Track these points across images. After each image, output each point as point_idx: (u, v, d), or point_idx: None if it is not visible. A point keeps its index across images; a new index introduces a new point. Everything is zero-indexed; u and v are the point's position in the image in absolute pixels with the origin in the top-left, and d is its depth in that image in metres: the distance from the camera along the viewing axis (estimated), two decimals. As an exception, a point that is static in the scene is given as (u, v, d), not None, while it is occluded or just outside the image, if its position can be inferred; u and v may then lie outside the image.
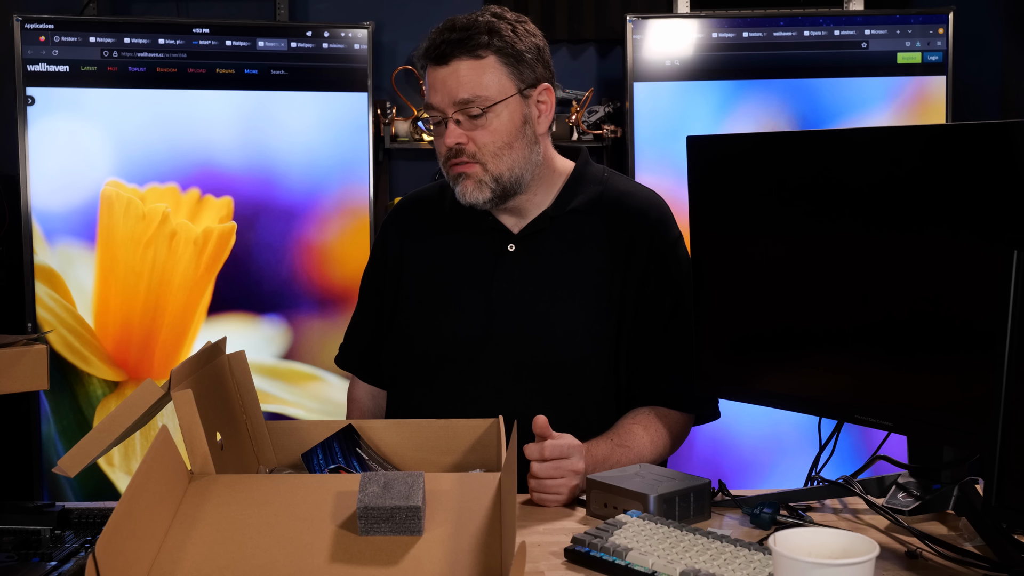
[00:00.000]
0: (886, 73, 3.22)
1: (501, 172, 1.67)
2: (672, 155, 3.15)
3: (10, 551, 1.30)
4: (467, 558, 1.10)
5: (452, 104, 1.64)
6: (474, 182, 1.67)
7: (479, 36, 1.64)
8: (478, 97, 1.64)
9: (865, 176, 1.40)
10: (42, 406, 3.10)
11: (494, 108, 1.65)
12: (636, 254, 1.73)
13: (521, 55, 1.67)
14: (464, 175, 1.67)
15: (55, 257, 3.10)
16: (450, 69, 1.64)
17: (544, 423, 1.52)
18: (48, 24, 3.09)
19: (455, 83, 1.64)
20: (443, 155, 1.69)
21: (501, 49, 1.65)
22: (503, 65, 1.65)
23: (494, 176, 1.66)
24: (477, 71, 1.64)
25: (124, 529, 1.04)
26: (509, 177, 1.67)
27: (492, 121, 1.65)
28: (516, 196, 1.71)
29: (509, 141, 1.66)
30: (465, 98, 1.64)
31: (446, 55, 1.64)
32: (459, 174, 1.67)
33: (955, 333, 1.32)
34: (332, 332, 1.94)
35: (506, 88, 1.66)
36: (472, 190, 1.67)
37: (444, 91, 1.65)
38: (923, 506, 1.42)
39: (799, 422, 1.87)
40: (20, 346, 1.44)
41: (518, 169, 1.68)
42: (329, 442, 1.44)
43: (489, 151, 1.66)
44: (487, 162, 1.66)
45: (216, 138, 3.18)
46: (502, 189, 1.68)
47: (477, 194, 1.67)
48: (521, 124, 1.68)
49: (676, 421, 1.73)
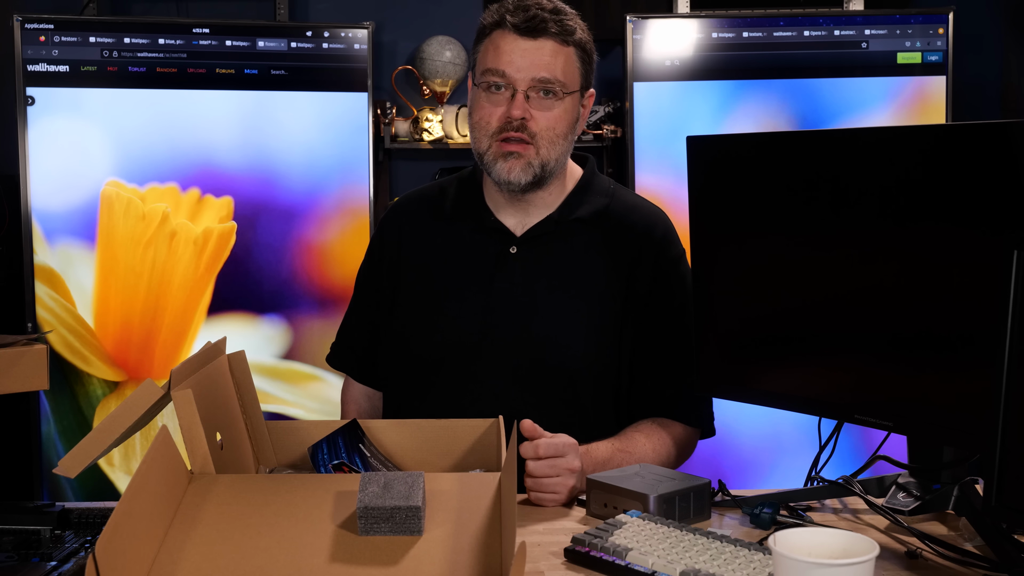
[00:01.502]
0: (886, 73, 3.22)
1: (549, 159, 1.67)
2: (672, 155, 3.15)
3: (10, 551, 1.30)
4: (467, 558, 1.10)
5: (531, 78, 1.64)
6: (524, 163, 1.66)
7: (570, 23, 1.66)
8: (559, 80, 1.65)
9: (865, 176, 1.40)
10: (42, 406, 3.10)
11: (570, 96, 1.67)
12: (640, 269, 1.73)
13: (590, 56, 1.70)
14: (516, 154, 1.66)
15: (55, 257, 3.10)
16: (537, 44, 1.64)
17: (530, 426, 1.52)
18: (48, 24, 3.09)
19: (539, 59, 1.64)
20: (493, 126, 1.67)
21: (581, 44, 1.68)
22: (579, 60, 1.68)
23: (543, 161, 1.67)
24: (562, 56, 1.65)
25: (124, 529, 1.04)
26: (552, 167, 1.68)
27: (559, 107, 1.66)
28: (540, 189, 1.71)
29: (564, 132, 1.68)
30: (547, 77, 1.64)
31: (539, 29, 1.64)
32: (510, 152, 1.66)
33: (955, 333, 1.32)
34: (332, 332, 1.93)
35: (576, 82, 1.69)
36: (519, 171, 1.66)
37: (525, 63, 1.64)
38: (923, 506, 1.42)
39: (799, 422, 1.87)
40: (20, 346, 1.44)
41: (560, 161, 1.70)
42: (334, 437, 1.44)
43: (547, 136, 1.66)
44: (542, 146, 1.66)
45: (216, 138, 3.18)
46: (542, 176, 1.68)
47: (522, 175, 1.66)
48: (575, 120, 1.70)
49: (680, 433, 1.73)
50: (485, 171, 1.71)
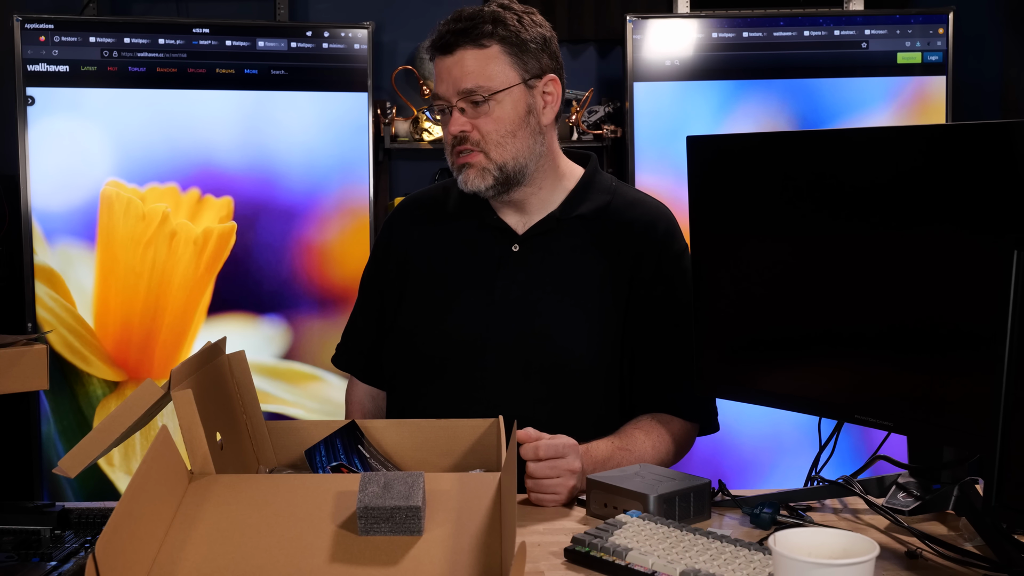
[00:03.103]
0: (886, 73, 3.22)
1: (505, 160, 1.68)
2: (672, 155, 3.15)
3: (10, 551, 1.30)
4: (467, 558, 1.10)
5: (456, 93, 1.66)
6: (477, 170, 1.68)
7: (483, 25, 1.66)
8: (481, 86, 1.65)
9: (865, 176, 1.40)
10: (42, 406, 3.10)
11: (496, 96, 1.66)
12: (643, 264, 1.73)
13: (526, 44, 1.68)
14: (467, 164, 1.68)
15: (55, 257, 3.10)
16: (455, 58, 1.66)
17: (525, 435, 1.52)
18: (48, 24, 3.09)
19: (459, 72, 1.66)
20: (449, 144, 1.70)
21: (505, 38, 1.67)
22: (507, 55, 1.67)
23: (497, 164, 1.67)
24: (481, 60, 1.66)
25: (124, 529, 1.04)
26: (513, 166, 1.68)
27: (495, 109, 1.67)
28: (519, 187, 1.72)
29: (512, 130, 1.68)
30: (468, 87, 1.65)
31: (451, 44, 1.66)
32: (463, 164, 1.69)
33: (955, 333, 1.32)
34: (332, 332, 1.94)
35: (510, 77, 1.67)
36: (475, 178, 1.68)
37: (449, 80, 1.67)
38: (923, 506, 1.41)
39: (799, 422, 1.87)
40: (20, 346, 1.44)
41: (522, 158, 1.69)
42: (332, 439, 1.44)
43: (492, 139, 1.67)
44: (490, 150, 1.67)
45: (216, 138, 3.18)
46: (505, 177, 1.69)
47: (479, 182, 1.68)
48: (525, 113, 1.69)
49: (679, 429, 1.73)
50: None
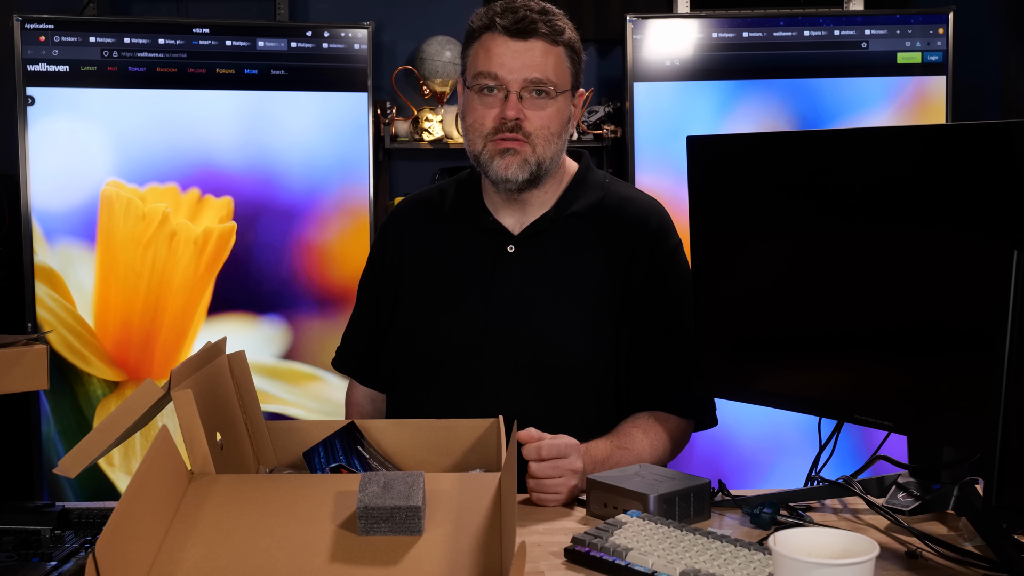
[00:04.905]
0: (886, 73, 3.22)
1: (544, 157, 1.69)
2: (672, 155, 3.15)
3: (10, 551, 1.30)
4: (467, 558, 1.10)
5: (523, 79, 1.66)
6: (520, 160, 1.68)
7: (559, 23, 1.69)
8: (551, 81, 1.67)
9: (865, 176, 1.40)
10: (42, 406, 3.10)
11: (563, 95, 1.69)
12: (636, 261, 1.73)
13: (580, 56, 1.73)
14: (512, 151, 1.68)
15: (55, 257, 3.10)
16: (528, 45, 1.66)
17: (528, 433, 1.52)
18: (48, 24, 3.09)
19: (531, 60, 1.66)
20: (488, 127, 1.69)
21: (570, 44, 1.70)
22: (568, 59, 1.71)
23: (539, 159, 1.68)
24: (552, 56, 1.68)
25: (124, 529, 1.04)
26: (547, 165, 1.70)
27: (552, 106, 1.68)
28: (536, 188, 1.73)
29: (558, 130, 1.70)
30: (539, 77, 1.66)
31: (528, 30, 1.66)
32: (507, 149, 1.68)
33: (955, 333, 1.32)
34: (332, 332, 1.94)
35: (567, 81, 1.71)
36: (516, 167, 1.68)
37: (516, 64, 1.66)
38: (923, 506, 1.42)
39: (799, 422, 1.87)
40: (20, 346, 1.44)
41: (556, 159, 1.72)
42: (331, 440, 1.44)
43: (543, 135, 1.68)
44: (537, 144, 1.68)
45: (216, 138, 3.18)
46: (537, 175, 1.70)
47: (519, 171, 1.68)
48: (567, 119, 1.72)
49: (676, 426, 1.73)
50: (482, 171, 1.73)
